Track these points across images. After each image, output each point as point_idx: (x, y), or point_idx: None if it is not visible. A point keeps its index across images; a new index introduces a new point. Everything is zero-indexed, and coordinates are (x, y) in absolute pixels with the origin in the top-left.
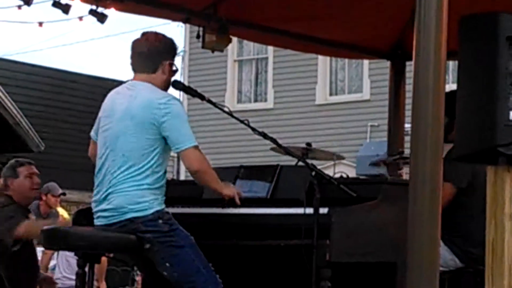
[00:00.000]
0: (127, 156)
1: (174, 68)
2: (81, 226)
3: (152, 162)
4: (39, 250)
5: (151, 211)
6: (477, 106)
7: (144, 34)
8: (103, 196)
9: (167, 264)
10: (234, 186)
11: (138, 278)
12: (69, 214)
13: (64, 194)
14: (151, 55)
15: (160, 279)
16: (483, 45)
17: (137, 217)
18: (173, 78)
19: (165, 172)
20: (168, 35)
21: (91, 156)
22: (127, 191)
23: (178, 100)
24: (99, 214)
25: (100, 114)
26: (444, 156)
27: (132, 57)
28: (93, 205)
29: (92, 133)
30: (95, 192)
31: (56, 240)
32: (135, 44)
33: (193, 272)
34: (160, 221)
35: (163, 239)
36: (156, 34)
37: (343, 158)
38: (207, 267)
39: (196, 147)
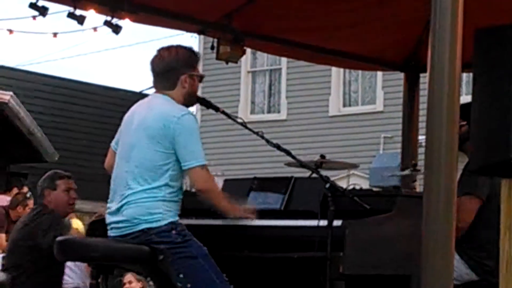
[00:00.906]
0: (140, 167)
1: (196, 76)
2: (95, 237)
3: (166, 175)
4: None
5: (165, 222)
6: (492, 118)
7: (159, 51)
8: (117, 207)
9: (181, 275)
10: (245, 205)
11: None
12: (83, 224)
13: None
14: (167, 73)
15: None
16: (498, 57)
17: (150, 228)
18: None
19: (181, 188)
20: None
21: (108, 167)
22: (140, 202)
23: (193, 115)
24: (112, 225)
25: (121, 125)
26: (464, 168)
27: (152, 76)
28: (106, 216)
29: (112, 143)
30: (109, 202)
31: (70, 251)
32: (152, 64)
33: (207, 283)
34: (174, 232)
35: (177, 250)
36: (169, 50)
37: (357, 166)
38: (220, 277)
39: (203, 166)
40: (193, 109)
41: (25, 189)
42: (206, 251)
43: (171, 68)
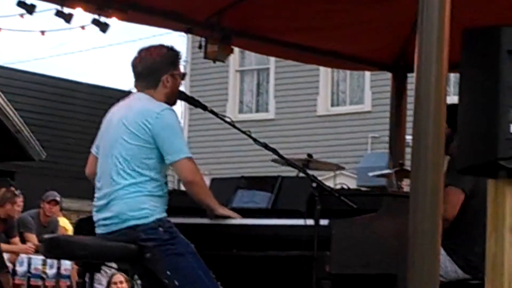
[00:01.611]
0: (124, 163)
1: (177, 75)
2: (82, 235)
3: (150, 170)
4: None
5: (152, 218)
6: (478, 119)
7: (140, 52)
8: (104, 203)
9: (168, 273)
10: (229, 211)
11: None
12: (70, 223)
13: (56, 201)
14: (149, 74)
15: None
16: (485, 58)
17: (138, 225)
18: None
19: (166, 183)
20: (171, 45)
21: (89, 174)
22: (127, 197)
23: (173, 110)
24: (100, 222)
25: (101, 127)
26: (448, 164)
27: (133, 76)
28: (94, 213)
29: (93, 148)
30: (95, 200)
31: (56, 249)
32: (133, 65)
33: (194, 280)
34: (161, 229)
35: (164, 248)
36: (150, 50)
37: (343, 168)
38: (208, 275)
39: (189, 158)
40: (181, 108)
41: (13, 188)
42: (193, 248)
43: (152, 69)
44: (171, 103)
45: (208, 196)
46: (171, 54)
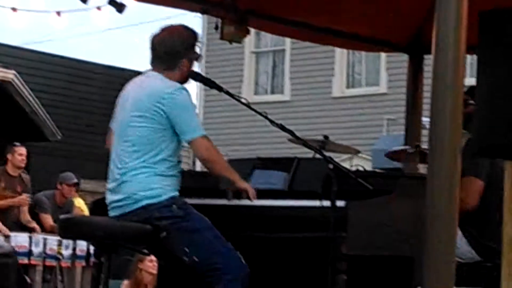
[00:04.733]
0: (137, 145)
1: (196, 58)
2: (98, 216)
3: (162, 151)
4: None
5: (165, 197)
6: (496, 100)
7: (161, 31)
8: (116, 185)
9: (186, 249)
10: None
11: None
12: (85, 204)
13: (77, 183)
14: (167, 56)
15: (178, 266)
16: (503, 40)
17: (150, 204)
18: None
19: (179, 162)
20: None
21: (109, 146)
22: (139, 178)
23: (186, 89)
24: (113, 204)
25: (116, 106)
26: (463, 150)
27: (151, 54)
28: (107, 195)
29: (111, 124)
30: (108, 182)
31: (73, 229)
32: (152, 43)
33: (213, 254)
34: (175, 206)
35: (179, 225)
36: (171, 31)
37: (359, 152)
38: (226, 246)
39: (204, 136)
40: (196, 89)
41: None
42: (209, 222)
43: (171, 52)
44: (184, 81)
45: (226, 170)
46: (191, 37)
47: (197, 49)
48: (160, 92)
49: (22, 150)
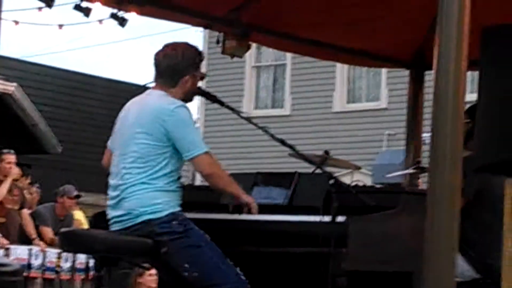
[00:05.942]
0: (137, 161)
1: (199, 76)
2: (99, 229)
3: (163, 167)
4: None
5: (165, 213)
6: (497, 117)
7: (164, 48)
8: (116, 201)
9: (186, 265)
10: (249, 196)
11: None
12: (85, 217)
13: (79, 196)
14: (171, 73)
15: (179, 280)
16: (505, 56)
17: (151, 219)
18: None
19: (179, 178)
20: (188, 40)
21: (105, 165)
22: (139, 194)
23: (186, 107)
24: (114, 220)
25: (116, 124)
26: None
27: (154, 70)
28: (108, 211)
29: (108, 142)
30: (109, 197)
31: (74, 243)
32: (156, 60)
33: (212, 270)
34: (175, 222)
35: (180, 241)
36: (176, 48)
37: (359, 168)
38: (225, 262)
39: (206, 152)
40: (197, 103)
41: (29, 179)
42: (209, 238)
43: (175, 69)
44: (188, 100)
45: (229, 185)
46: (195, 56)
47: (201, 67)
48: (160, 109)
49: (11, 158)
